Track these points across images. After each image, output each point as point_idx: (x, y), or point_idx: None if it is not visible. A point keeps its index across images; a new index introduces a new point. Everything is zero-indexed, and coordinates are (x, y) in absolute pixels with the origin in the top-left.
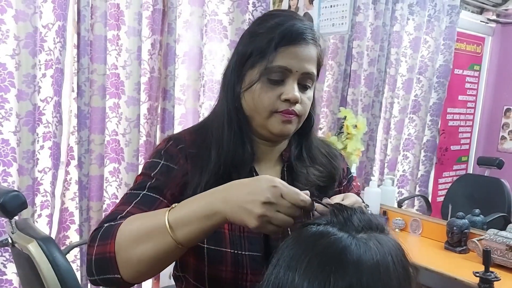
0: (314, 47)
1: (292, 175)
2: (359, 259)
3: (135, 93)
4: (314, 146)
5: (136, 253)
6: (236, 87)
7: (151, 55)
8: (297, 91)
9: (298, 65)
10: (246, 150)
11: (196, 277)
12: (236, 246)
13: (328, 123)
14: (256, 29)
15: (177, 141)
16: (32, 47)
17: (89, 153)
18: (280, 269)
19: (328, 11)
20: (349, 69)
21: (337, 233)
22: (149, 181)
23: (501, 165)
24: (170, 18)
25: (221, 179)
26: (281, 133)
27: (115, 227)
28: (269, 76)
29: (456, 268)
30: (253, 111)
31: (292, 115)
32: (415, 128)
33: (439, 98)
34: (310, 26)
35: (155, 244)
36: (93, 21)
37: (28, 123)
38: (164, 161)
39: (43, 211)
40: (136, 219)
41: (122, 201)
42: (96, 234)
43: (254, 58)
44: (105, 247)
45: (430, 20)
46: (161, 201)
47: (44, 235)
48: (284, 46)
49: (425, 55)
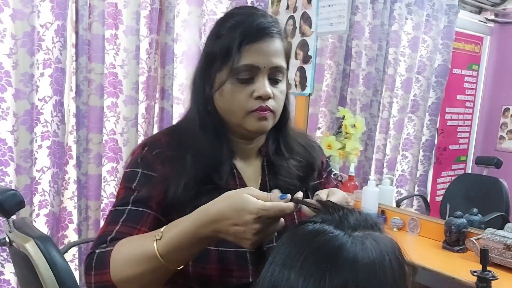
0: (279, 40)
1: (274, 169)
2: (355, 257)
3: (133, 92)
4: (291, 138)
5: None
6: (206, 90)
7: (149, 55)
8: (268, 87)
9: (265, 61)
10: (223, 151)
11: (181, 276)
12: (221, 244)
13: (326, 122)
14: (219, 30)
15: (152, 146)
16: (30, 46)
17: (87, 152)
18: (275, 267)
19: (326, 11)
20: (348, 69)
21: (333, 231)
22: (131, 194)
23: (500, 164)
24: (168, 17)
25: (200, 182)
26: (258, 130)
27: (106, 254)
28: (237, 76)
29: (454, 267)
30: (227, 112)
31: (267, 111)
32: (414, 127)
33: (438, 97)
34: (272, 20)
35: (152, 274)
36: (91, 20)
37: (26, 122)
38: (142, 169)
39: (42, 211)
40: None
41: (109, 220)
42: (90, 261)
43: (220, 60)
44: (102, 276)
45: (429, 20)
46: (149, 214)
47: (41, 234)
48: (247, 44)
49: (424, 55)
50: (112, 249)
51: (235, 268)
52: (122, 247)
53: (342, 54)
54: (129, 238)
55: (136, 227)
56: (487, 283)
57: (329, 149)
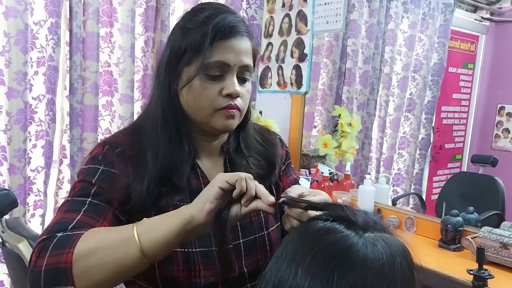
0: (249, 40)
1: (234, 167)
2: (365, 258)
3: (128, 91)
4: (250, 136)
5: (97, 265)
6: (172, 85)
7: (145, 53)
8: (237, 86)
9: (236, 59)
10: (184, 150)
11: (148, 280)
12: (186, 245)
13: (322, 121)
14: (188, 24)
15: (113, 145)
16: (23, 44)
17: (82, 152)
18: (283, 262)
19: (323, 9)
20: (344, 67)
21: (344, 230)
22: (91, 188)
23: (495, 163)
24: (163, 15)
25: (161, 183)
26: (225, 129)
27: (74, 237)
28: (207, 72)
29: (450, 266)
30: (193, 108)
31: (235, 110)
32: (410, 126)
33: (434, 96)
34: (242, 19)
35: (119, 257)
36: (85, 18)
37: (20, 121)
38: (104, 166)
39: (37, 211)
40: (99, 231)
41: (66, 208)
42: (48, 244)
43: (189, 54)
44: (60, 257)
45: (425, 18)
46: (108, 209)
47: (35, 234)
48: (219, 40)
49: (420, 53)
50: (83, 232)
51: (202, 268)
52: (96, 231)
53: (338, 52)
54: (106, 227)
55: (98, 220)
56: (484, 282)
57: (325, 148)
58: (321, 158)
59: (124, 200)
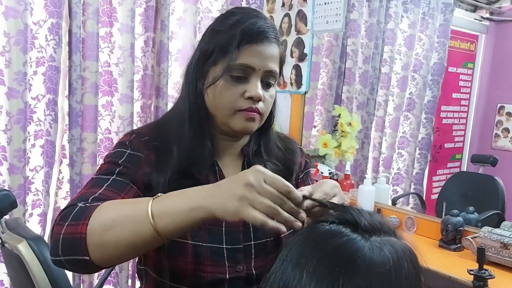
0: (276, 46)
1: None
2: (372, 263)
3: (128, 91)
4: (272, 142)
5: (111, 238)
6: (199, 84)
7: (144, 53)
8: (260, 89)
9: (261, 63)
10: (207, 146)
11: (157, 270)
12: (196, 238)
13: (322, 121)
14: (218, 26)
15: (140, 135)
16: (23, 44)
17: (81, 152)
18: (288, 265)
19: (322, 9)
20: (344, 67)
21: (350, 234)
22: (117, 167)
23: (495, 162)
24: (163, 15)
25: (182, 176)
26: (243, 130)
27: (90, 208)
28: (232, 73)
29: (451, 266)
30: (215, 108)
31: (255, 113)
32: (410, 126)
33: (434, 96)
34: (271, 25)
35: (133, 232)
36: (85, 18)
37: (20, 121)
38: (131, 150)
39: (35, 210)
40: (114, 203)
41: (90, 185)
42: (68, 212)
43: (216, 55)
44: (77, 227)
45: (424, 18)
46: (131, 187)
47: (34, 235)
48: (247, 44)
49: (420, 53)
50: (99, 204)
51: (209, 263)
52: (112, 202)
53: (338, 52)
54: (122, 200)
55: (120, 194)
56: (484, 282)
57: (325, 148)
58: (321, 158)
59: (145, 184)
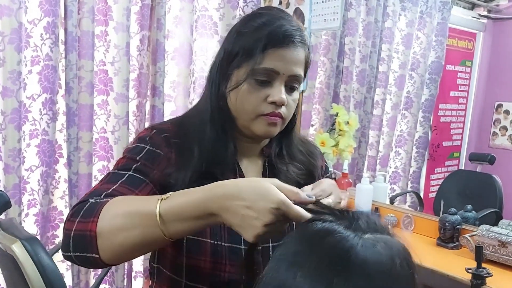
0: (302, 50)
1: (274, 171)
2: (365, 261)
3: (124, 90)
4: (294, 145)
5: (119, 238)
6: (222, 86)
7: (140, 51)
8: (283, 94)
9: (286, 68)
10: (229, 148)
11: (173, 268)
12: (216, 237)
13: (320, 119)
14: (243, 28)
15: (160, 131)
16: (17, 43)
17: (78, 151)
18: (282, 264)
19: (320, 7)
20: (342, 66)
21: (343, 231)
22: (134, 163)
23: (493, 161)
24: (159, 14)
25: (203, 176)
26: (265, 135)
27: (100, 204)
28: (256, 77)
29: (448, 264)
30: (237, 111)
31: (278, 118)
32: (407, 124)
33: (431, 94)
34: (298, 28)
35: (141, 233)
36: (80, 16)
37: (14, 120)
38: (150, 146)
39: (31, 210)
40: (123, 201)
41: (106, 180)
42: (79, 208)
43: (240, 58)
44: (87, 224)
45: (422, 16)
46: (147, 184)
47: (28, 235)
48: (272, 48)
49: (417, 52)
50: (108, 200)
51: (227, 262)
52: (121, 200)
53: (336, 51)
54: (131, 196)
55: (134, 191)
56: (482, 280)
57: (322, 146)
58: None
59: (162, 182)
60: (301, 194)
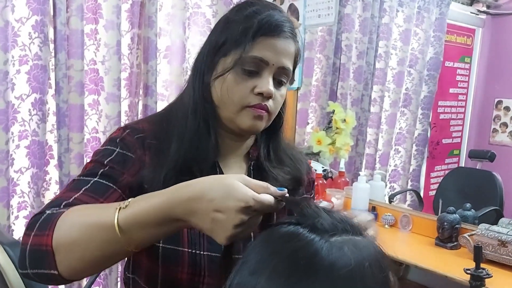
0: (293, 42)
1: (262, 174)
2: (332, 266)
3: (115, 89)
4: (281, 148)
5: (77, 252)
6: (206, 76)
7: (131, 50)
8: (271, 85)
9: (275, 58)
10: (211, 142)
11: (147, 279)
12: (194, 246)
13: (316, 117)
14: (233, 16)
15: (134, 130)
16: (4, 42)
17: (69, 152)
18: (244, 273)
19: (314, 2)
20: (338, 62)
21: (308, 235)
22: (101, 168)
23: (493, 158)
24: (150, 11)
25: (180, 174)
26: (250, 129)
27: (56, 216)
28: (243, 66)
29: (447, 265)
30: (222, 102)
31: (264, 111)
32: (406, 122)
33: (430, 91)
34: (289, 20)
35: (100, 246)
36: (69, 14)
37: (2, 121)
38: (120, 149)
39: (21, 213)
40: (81, 210)
41: (69, 188)
42: (35, 221)
43: (228, 46)
44: (42, 238)
45: (420, 12)
46: (114, 190)
47: (11, 240)
48: (262, 36)
49: (415, 48)
50: (64, 211)
51: (206, 274)
52: (76, 210)
53: (332, 47)
54: (88, 205)
55: (98, 199)
56: (481, 281)
57: (319, 145)
58: (315, 155)
59: (133, 186)
60: (271, 188)
